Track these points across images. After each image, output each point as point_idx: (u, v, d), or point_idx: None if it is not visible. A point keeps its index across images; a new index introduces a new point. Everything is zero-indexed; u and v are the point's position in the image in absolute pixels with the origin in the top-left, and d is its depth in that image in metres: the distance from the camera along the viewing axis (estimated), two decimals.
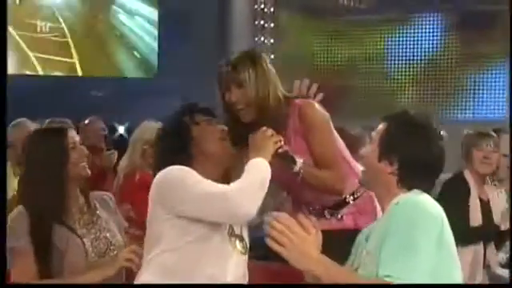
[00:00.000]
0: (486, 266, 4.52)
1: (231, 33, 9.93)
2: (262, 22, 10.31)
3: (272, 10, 10.52)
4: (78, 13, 9.99)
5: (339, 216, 3.27)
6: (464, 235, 4.18)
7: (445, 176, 4.94)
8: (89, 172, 3.11)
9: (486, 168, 4.59)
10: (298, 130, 3.18)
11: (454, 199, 4.39)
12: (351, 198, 3.27)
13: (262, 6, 10.30)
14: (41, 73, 9.66)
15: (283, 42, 10.63)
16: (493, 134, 4.78)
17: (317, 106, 3.23)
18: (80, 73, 9.81)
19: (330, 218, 3.27)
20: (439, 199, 4.29)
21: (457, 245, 4.11)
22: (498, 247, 4.62)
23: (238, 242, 2.83)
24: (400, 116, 2.56)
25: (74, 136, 3.14)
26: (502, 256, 4.61)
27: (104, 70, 9.98)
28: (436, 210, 2.40)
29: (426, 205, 2.39)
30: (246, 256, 2.88)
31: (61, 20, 9.85)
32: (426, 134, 2.50)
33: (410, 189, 2.43)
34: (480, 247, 4.47)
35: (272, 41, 10.50)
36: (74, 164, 3.03)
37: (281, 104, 3.12)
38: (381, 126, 2.52)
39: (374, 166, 2.49)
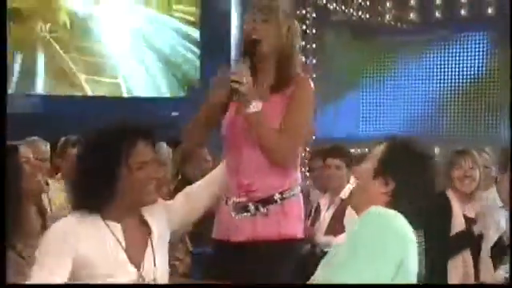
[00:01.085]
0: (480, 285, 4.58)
1: None
2: (304, 43, 10.45)
3: (314, 31, 10.67)
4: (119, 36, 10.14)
5: (264, 211, 3.20)
6: (446, 249, 4.36)
7: None
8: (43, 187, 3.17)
9: (467, 186, 4.67)
10: (284, 96, 3.22)
11: (436, 217, 4.54)
12: (279, 196, 3.20)
13: (304, 28, 10.44)
14: (89, 94, 9.88)
15: (325, 62, 10.78)
16: (470, 150, 4.85)
17: (311, 84, 3.30)
18: (125, 93, 10.00)
19: (255, 213, 3.21)
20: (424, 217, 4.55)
21: (443, 264, 4.28)
22: (496, 263, 4.62)
23: None
24: (404, 141, 2.66)
25: (25, 152, 3.22)
26: (501, 274, 4.57)
27: (146, 91, 10.16)
28: (400, 224, 2.47)
29: (388, 217, 2.48)
30: None
31: (106, 43, 10.07)
32: (425, 162, 2.62)
33: (398, 208, 2.52)
34: (470, 262, 4.57)
35: (314, 61, 10.66)
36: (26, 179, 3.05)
37: (293, 55, 3.31)
38: (381, 147, 2.61)
39: (367, 183, 2.56)
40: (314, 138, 10.53)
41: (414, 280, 2.52)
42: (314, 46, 10.70)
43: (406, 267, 2.44)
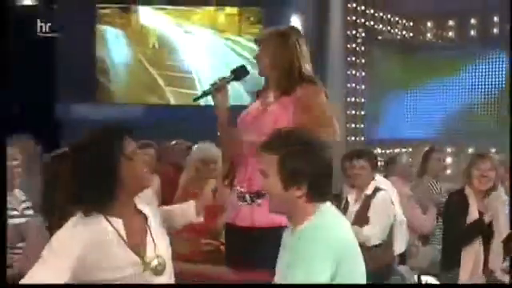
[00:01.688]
0: (490, 271, 4.44)
1: (325, 67, 9.93)
2: (353, 58, 10.26)
3: (363, 48, 10.47)
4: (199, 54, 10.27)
5: (258, 202, 3.18)
6: (461, 239, 4.21)
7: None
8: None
9: (484, 185, 4.55)
10: (294, 103, 3.21)
11: (454, 211, 4.42)
12: None
13: (354, 45, 10.26)
14: (172, 103, 10.01)
15: (373, 75, 10.59)
16: (490, 154, 4.71)
17: (317, 88, 3.25)
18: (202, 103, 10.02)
19: (251, 203, 3.20)
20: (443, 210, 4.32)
21: (457, 248, 4.15)
22: (505, 255, 4.45)
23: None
24: (288, 143, 2.32)
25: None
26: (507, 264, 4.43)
27: None
28: (335, 238, 2.25)
29: (324, 231, 2.25)
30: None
31: (186, 59, 10.18)
32: (316, 149, 2.32)
33: (320, 200, 2.30)
34: (481, 252, 4.41)
35: (363, 73, 10.46)
36: None
37: (292, 74, 3.24)
38: (270, 157, 2.30)
39: (282, 197, 2.29)
40: (362, 139, 10.41)
41: (360, 278, 2.35)
42: (363, 60, 10.38)
43: (344, 270, 2.23)
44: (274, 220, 3.05)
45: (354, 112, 10.39)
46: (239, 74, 3.41)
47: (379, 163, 5.82)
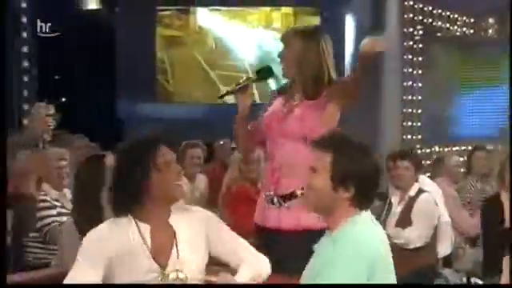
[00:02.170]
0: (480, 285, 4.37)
1: (382, 66, 9.82)
2: (410, 56, 10.11)
3: (421, 46, 10.30)
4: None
5: (286, 205, 3.16)
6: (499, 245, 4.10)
7: None
8: None
9: None
10: (321, 106, 3.16)
11: (489, 218, 4.40)
12: (300, 192, 3.09)
13: (412, 43, 10.11)
14: (229, 102, 10.03)
15: (431, 73, 10.41)
16: None
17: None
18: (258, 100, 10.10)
19: (279, 207, 3.18)
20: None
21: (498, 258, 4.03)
22: None
23: None
24: (343, 145, 2.30)
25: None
26: None
27: None
28: (367, 247, 2.19)
29: (358, 239, 2.21)
30: None
31: (243, 59, 10.20)
32: (369, 154, 2.29)
33: (361, 207, 2.26)
34: None
35: (420, 71, 10.30)
36: None
37: (313, 77, 3.17)
38: (324, 155, 2.27)
39: (328, 197, 2.25)
40: (419, 137, 10.27)
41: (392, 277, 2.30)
42: (420, 59, 10.20)
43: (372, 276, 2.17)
44: (301, 223, 3.10)
45: (410, 110, 10.26)
46: (264, 74, 3.34)
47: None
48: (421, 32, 10.50)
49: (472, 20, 10.99)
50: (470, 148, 9.81)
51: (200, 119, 9.80)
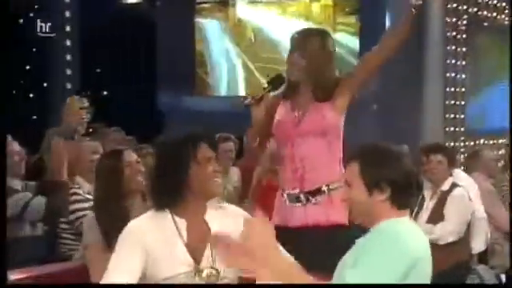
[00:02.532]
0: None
1: (425, 56, 9.68)
2: (453, 47, 9.94)
3: (464, 36, 10.11)
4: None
5: (313, 201, 3.16)
6: None
7: None
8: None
9: None
10: (334, 105, 3.21)
11: None
12: (326, 188, 3.16)
13: (455, 33, 9.93)
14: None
15: (474, 64, 10.22)
16: None
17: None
18: None
19: (306, 203, 3.18)
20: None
21: None
22: None
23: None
24: (374, 147, 2.40)
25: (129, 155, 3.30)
26: None
27: None
28: (408, 246, 2.19)
29: (399, 233, 2.22)
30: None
31: (282, 51, 10.23)
32: (394, 154, 2.35)
33: (400, 207, 2.29)
34: None
35: (464, 63, 10.12)
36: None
37: (325, 80, 3.21)
38: (352, 166, 2.34)
39: (368, 202, 2.29)
40: (462, 130, 10.11)
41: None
42: (464, 49, 10.04)
43: (416, 276, 2.18)
44: (330, 218, 3.13)
45: (453, 102, 10.10)
46: (276, 83, 3.33)
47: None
48: (465, 22, 10.35)
49: None
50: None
51: (239, 112, 9.80)
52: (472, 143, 9.88)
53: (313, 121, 3.22)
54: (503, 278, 4.87)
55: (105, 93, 10.32)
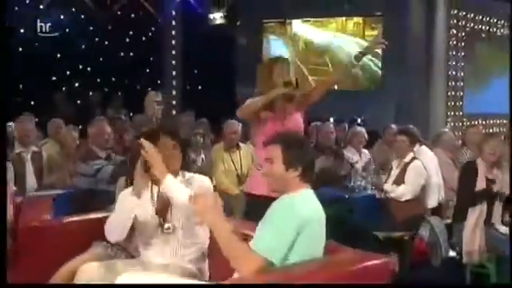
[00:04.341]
0: (491, 225, 4.13)
1: (433, 59, 9.34)
2: (454, 53, 9.59)
3: (463, 44, 9.68)
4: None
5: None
6: (471, 201, 3.96)
7: None
8: None
9: (493, 158, 4.18)
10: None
11: (465, 177, 4.25)
12: None
13: (455, 42, 9.53)
14: None
15: (471, 65, 9.80)
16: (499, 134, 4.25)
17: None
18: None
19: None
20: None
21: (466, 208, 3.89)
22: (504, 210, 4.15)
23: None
24: (292, 138, 2.34)
25: None
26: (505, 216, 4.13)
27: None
28: (300, 209, 2.13)
29: (293, 203, 2.15)
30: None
31: (323, 57, 10.12)
32: (308, 144, 2.38)
33: (306, 182, 2.23)
34: (484, 208, 4.11)
35: (462, 64, 9.73)
36: None
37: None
38: (274, 147, 2.24)
39: (284, 177, 2.22)
40: (461, 114, 9.72)
41: (317, 244, 2.19)
42: (462, 54, 9.67)
43: (306, 235, 2.11)
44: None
45: (453, 93, 9.76)
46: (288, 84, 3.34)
47: None
48: (464, 33, 9.92)
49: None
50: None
51: None
52: (468, 123, 9.54)
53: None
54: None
55: (200, 87, 10.54)
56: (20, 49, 8.45)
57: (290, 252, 2.10)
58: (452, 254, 4.55)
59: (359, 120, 9.43)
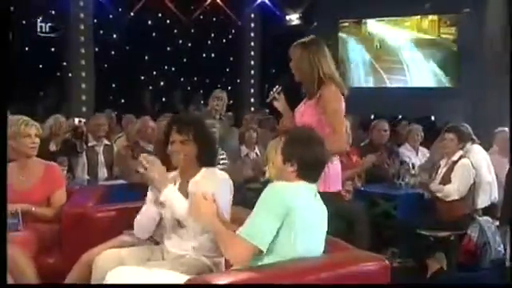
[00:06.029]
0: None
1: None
2: None
3: None
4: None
5: None
6: None
7: None
8: None
9: None
10: (315, 104, 2.81)
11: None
12: None
13: None
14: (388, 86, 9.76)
15: None
16: None
17: (334, 88, 2.77)
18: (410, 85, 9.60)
19: None
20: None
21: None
22: None
23: None
24: (297, 133, 2.23)
25: None
26: None
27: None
28: (283, 195, 2.03)
29: (277, 189, 2.07)
30: None
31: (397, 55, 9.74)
32: (315, 146, 2.15)
33: (304, 179, 2.11)
34: None
35: None
36: None
37: (314, 78, 2.81)
38: (282, 139, 2.17)
39: (281, 169, 2.14)
40: None
41: (307, 237, 2.07)
42: None
43: (289, 223, 2.02)
44: (329, 186, 2.76)
45: None
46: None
47: None
48: None
49: None
50: None
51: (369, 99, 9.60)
52: None
53: (298, 118, 2.92)
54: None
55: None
56: (112, 52, 9.02)
57: (277, 240, 2.02)
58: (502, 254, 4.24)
59: (432, 118, 9.03)
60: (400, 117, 8.06)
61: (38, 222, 2.98)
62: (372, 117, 7.87)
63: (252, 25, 10.33)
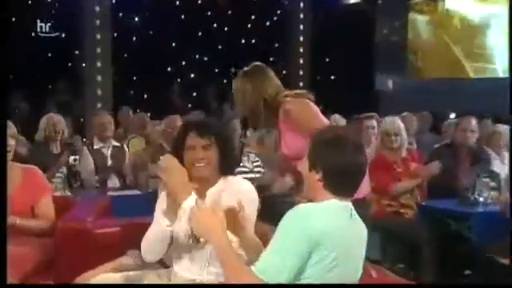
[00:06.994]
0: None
1: None
2: None
3: None
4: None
5: None
6: None
7: None
8: None
9: None
10: (286, 125, 3.04)
11: None
12: None
13: None
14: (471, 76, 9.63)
15: None
16: None
17: (293, 99, 3.01)
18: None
19: None
20: None
21: None
22: None
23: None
24: (323, 133, 2.19)
25: None
26: None
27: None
28: (309, 224, 1.97)
29: (300, 216, 2.00)
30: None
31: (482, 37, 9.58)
32: (344, 148, 2.07)
33: (333, 192, 2.06)
34: None
35: None
36: None
37: (260, 105, 3.02)
38: (310, 142, 2.17)
39: (307, 178, 2.13)
40: None
41: (331, 264, 2.00)
42: None
43: (319, 256, 1.97)
44: None
45: None
46: None
47: None
48: None
49: None
50: None
51: (443, 92, 9.41)
52: None
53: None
54: None
55: (332, 77, 10.54)
56: (133, 38, 9.19)
57: (302, 276, 1.96)
58: None
59: None
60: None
61: (24, 236, 3.00)
62: (453, 115, 7.74)
63: (301, 4, 10.32)
